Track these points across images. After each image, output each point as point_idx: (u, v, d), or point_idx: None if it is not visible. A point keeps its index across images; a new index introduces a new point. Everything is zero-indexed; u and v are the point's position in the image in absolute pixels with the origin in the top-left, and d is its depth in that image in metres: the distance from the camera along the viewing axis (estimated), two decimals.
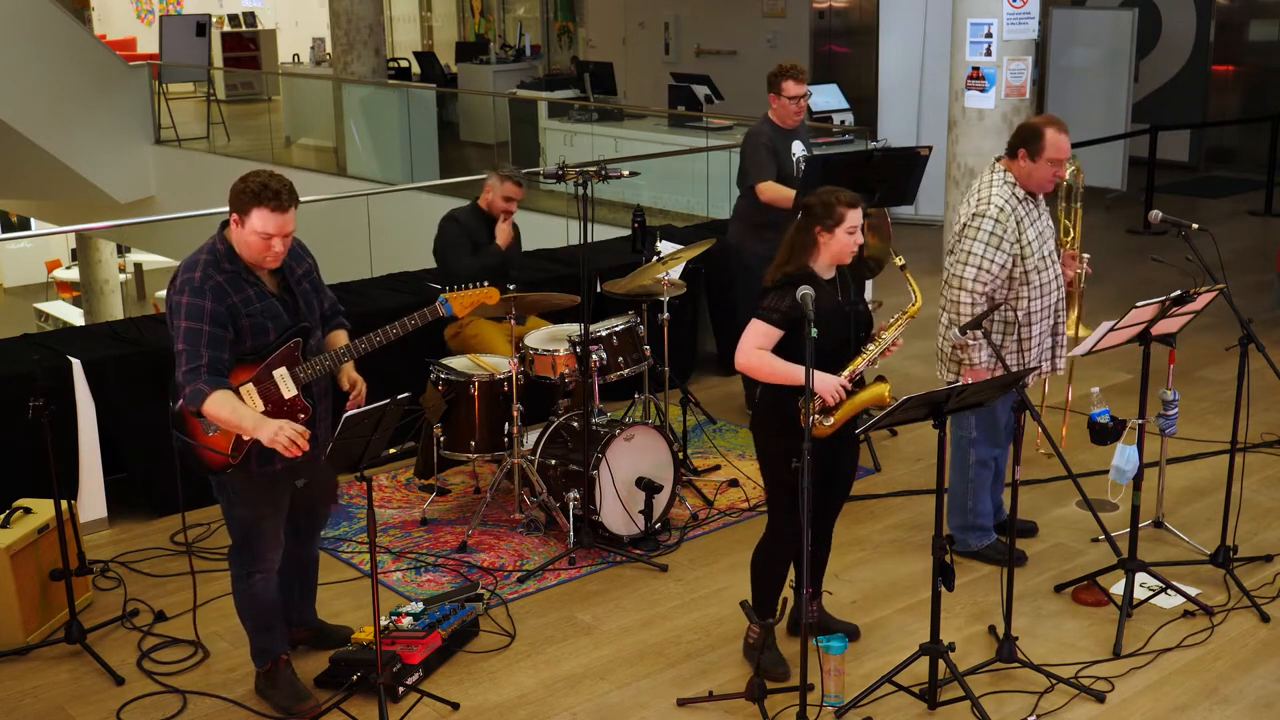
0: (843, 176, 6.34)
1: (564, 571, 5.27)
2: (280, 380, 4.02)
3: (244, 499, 4.15)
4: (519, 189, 6.15)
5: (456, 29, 21.50)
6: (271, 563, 4.26)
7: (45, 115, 13.82)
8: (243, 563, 4.25)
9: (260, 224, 3.89)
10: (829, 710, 4.24)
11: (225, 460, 4.05)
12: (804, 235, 4.23)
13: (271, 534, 4.23)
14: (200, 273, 3.92)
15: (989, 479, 5.23)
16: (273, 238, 3.92)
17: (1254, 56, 13.95)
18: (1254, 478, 5.99)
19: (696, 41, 16.62)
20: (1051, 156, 4.81)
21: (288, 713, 4.28)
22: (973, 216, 4.86)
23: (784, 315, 4.13)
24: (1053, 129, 4.83)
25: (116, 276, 18.38)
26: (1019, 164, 4.88)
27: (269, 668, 4.34)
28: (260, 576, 4.25)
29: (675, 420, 6.50)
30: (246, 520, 4.19)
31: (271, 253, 3.95)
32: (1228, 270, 5.15)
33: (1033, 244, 4.88)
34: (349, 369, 4.24)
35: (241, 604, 4.30)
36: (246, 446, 4.01)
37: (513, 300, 5.39)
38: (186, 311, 3.88)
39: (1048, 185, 4.91)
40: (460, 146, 14.82)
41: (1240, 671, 4.50)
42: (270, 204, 3.87)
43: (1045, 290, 4.95)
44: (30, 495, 4.99)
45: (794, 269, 4.20)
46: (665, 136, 11.81)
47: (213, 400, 3.83)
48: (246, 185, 3.89)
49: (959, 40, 8.82)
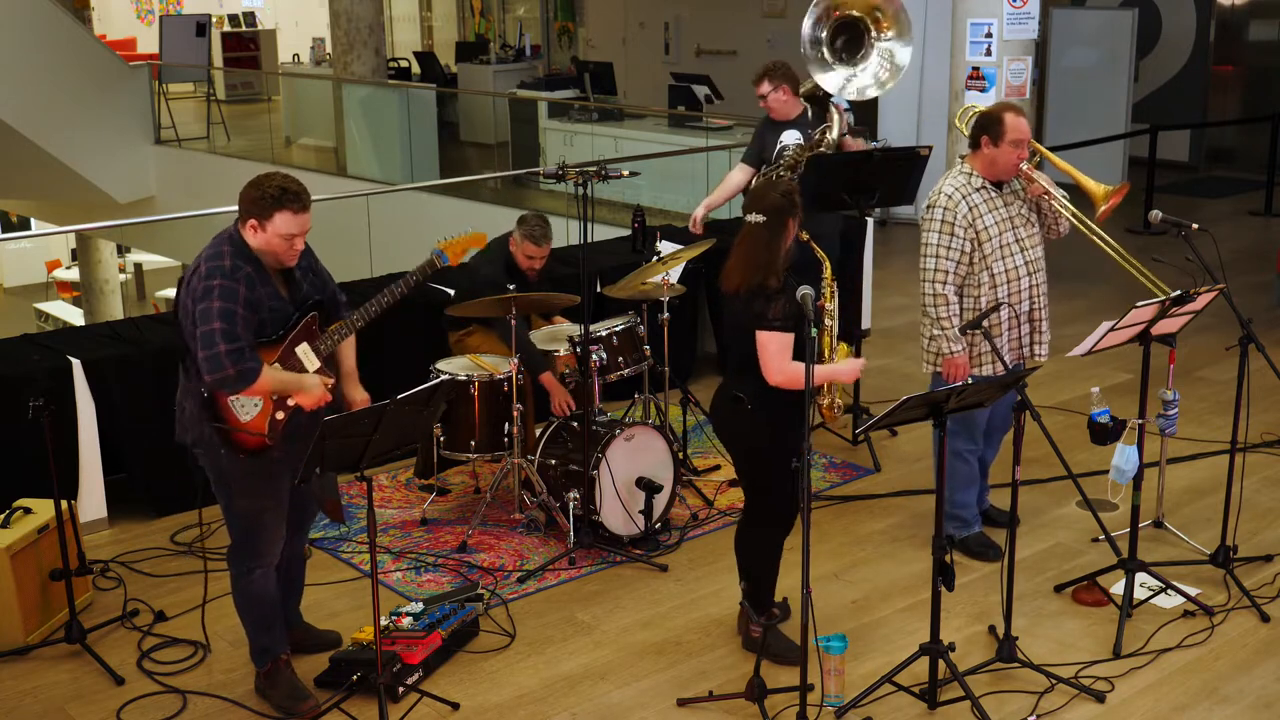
0: (843, 176, 6.36)
1: (564, 571, 5.27)
2: (304, 356, 4.13)
3: (246, 491, 4.15)
4: (538, 248, 5.83)
5: (456, 29, 21.50)
6: (271, 558, 4.27)
7: (45, 115, 13.82)
8: (243, 559, 4.25)
9: (284, 226, 3.97)
10: (829, 710, 4.24)
11: (262, 441, 4.08)
12: (779, 233, 4.22)
13: (273, 527, 4.23)
14: (230, 261, 3.96)
15: (967, 471, 5.25)
16: (295, 237, 4.01)
17: (1254, 56, 13.95)
18: (1254, 478, 5.99)
19: (696, 41, 16.62)
20: (1013, 139, 4.90)
21: (288, 713, 4.28)
22: (926, 209, 5.01)
23: (792, 319, 4.16)
24: (1010, 113, 4.94)
25: (116, 276, 18.38)
26: (981, 153, 4.98)
27: (269, 667, 4.34)
28: (260, 572, 4.25)
29: (675, 420, 6.50)
30: (248, 513, 4.19)
31: (294, 251, 4.04)
32: (1228, 270, 5.15)
33: (989, 230, 4.92)
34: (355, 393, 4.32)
35: (241, 602, 4.30)
36: (281, 426, 4.08)
37: (513, 300, 5.39)
38: (221, 293, 3.90)
39: (1013, 169, 4.99)
40: (460, 146, 14.82)
41: (1240, 671, 4.50)
42: (293, 206, 3.96)
43: (1009, 278, 4.97)
44: (30, 495, 4.99)
45: (781, 270, 4.21)
46: (665, 136, 11.81)
47: (265, 375, 3.94)
48: (264, 191, 3.95)
49: (959, 40, 8.83)
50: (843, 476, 6.20)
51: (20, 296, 21.03)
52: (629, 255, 7.21)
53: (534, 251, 5.84)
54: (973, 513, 5.35)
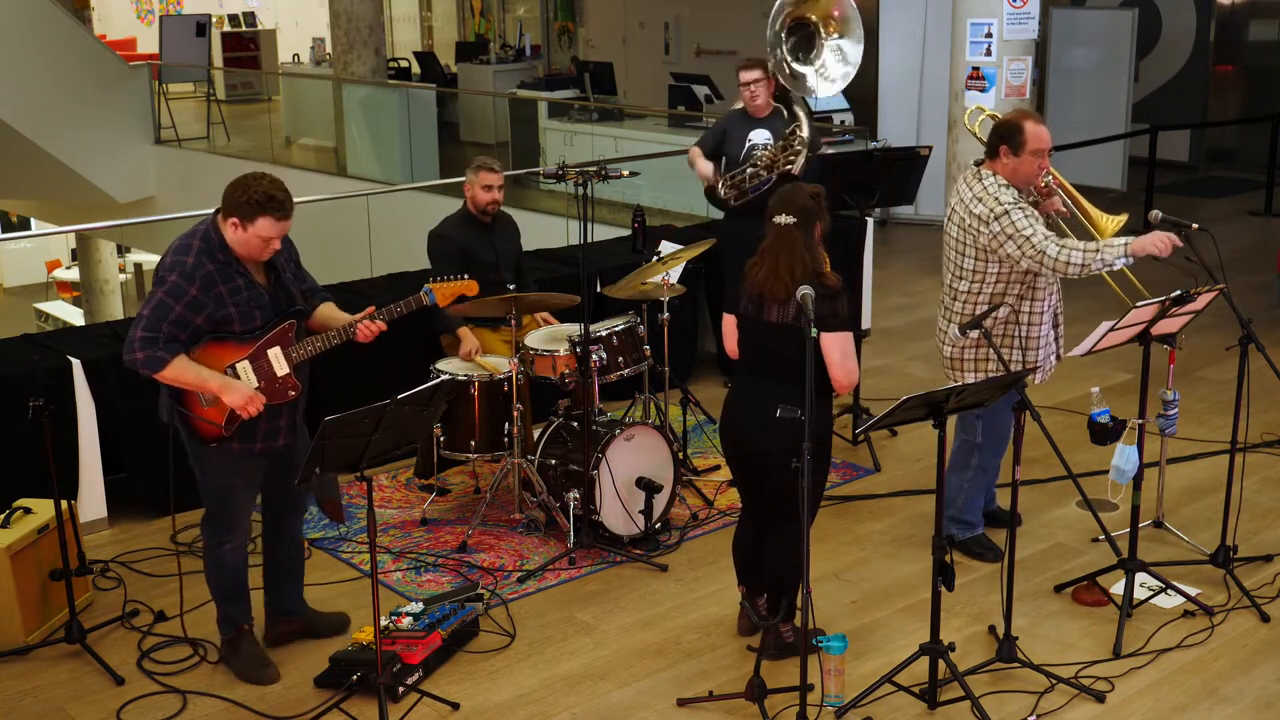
0: (843, 176, 6.37)
1: (564, 571, 5.27)
2: (274, 359, 4.27)
3: (218, 469, 4.34)
4: (494, 174, 5.98)
5: (456, 29, 21.49)
6: (241, 535, 4.47)
7: (45, 115, 13.82)
8: (214, 532, 4.45)
9: (265, 230, 4.14)
10: (829, 710, 4.24)
11: (218, 431, 4.26)
12: (811, 234, 4.25)
13: (242, 507, 4.45)
14: (194, 259, 4.14)
15: (986, 482, 5.25)
16: (272, 240, 4.17)
17: (1254, 56, 13.95)
18: (1254, 478, 5.99)
19: (696, 41, 16.61)
20: (1034, 149, 4.79)
21: (254, 681, 4.46)
22: (993, 219, 4.75)
23: (851, 319, 4.20)
24: (1030, 121, 4.84)
25: (116, 276, 18.39)
26: (1001, 162, 4.85)
27: (233, 635, 4.53)
28: (230, 547, 4.46)
29: (675, 420, 6.50)
30: (219, 491, 4.39)
31: (268, 251, 4.21)
32: (1228, 270, 5.14)
33: None
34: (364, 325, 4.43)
35: (211, 571, 4.50)
36: (239, 421, 4.23)
37: (512, 301, 5.39)
38: (169, 289, 4.11)
39: (1034, 179, 4.91)
40: (460, 146, 14.81)
41: (1240, 671, 4.50)
42: (276, 213, 4.13)
43: (1048, 288, 4.95)
44: (30, 495, 4.99)
45: (821, 268, 4.24)
46: (665, 136, 11.80)
47: (174, 365, 4.12)
48: (250, 194, 4.10)
49: (959, 40, 8.83)
50: (843, 476, 6.20)
51: (20, 296, 21.03)
52: (629, 255, 7.20)
53: (492, 180, 5.97)
54: (978, 516, 5.34)
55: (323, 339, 4.34)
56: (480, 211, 6.02)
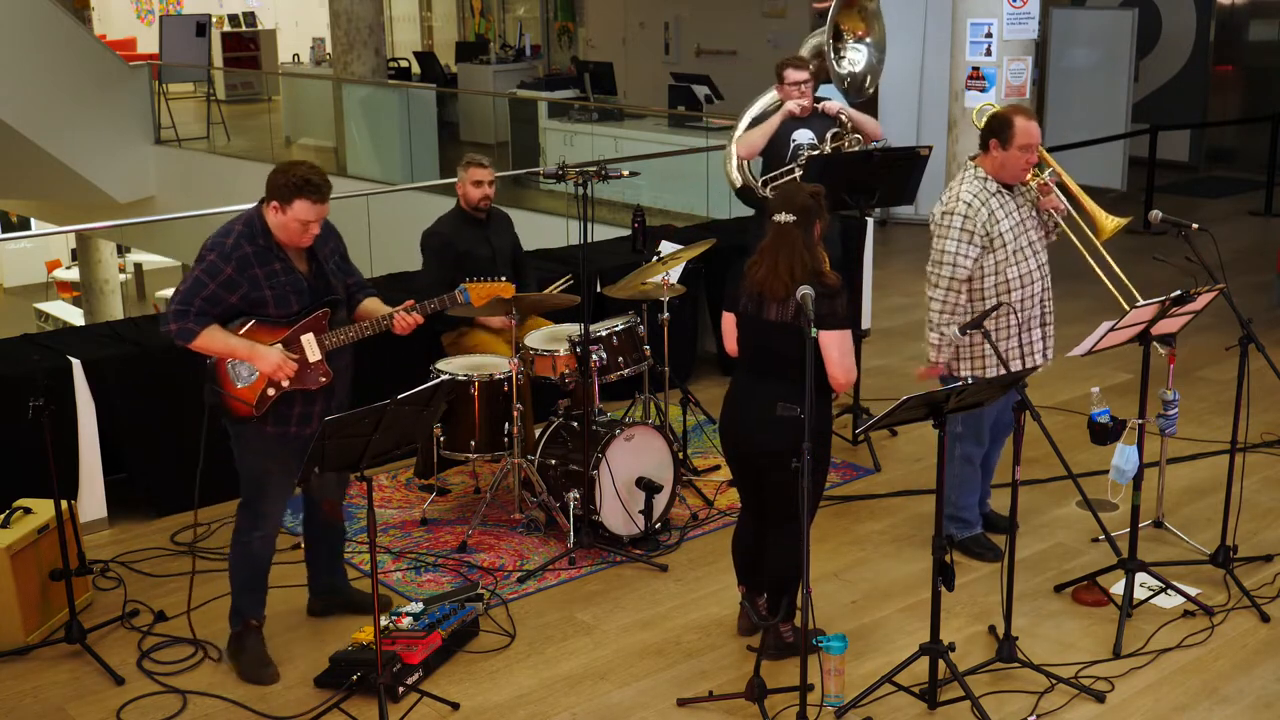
0: (843, 176, 6.36)
1: (564, 571, 5.27)
2: (307, 345, 4.37)
3: (254, 449, 4.44)
4: (484, 169, 5.99)
5: (456, 29, 21.49)
6: (272, 526, 4.54)
7: (45, 115, 13.82)
8: (248, 518, 4.52)
9: (302, 213, 4.27)
10: (829, 710, 4.24)
11: (249, 411, 4.37)
12: (811, 233, 4.26)
13: (276, 494, 4.50)
14: (233, 240, 4.29)
15: (974, 475, 5.25)
16: (310, 224, 4.31)
17: (1254, 56, 13.95)
18: (1254, 478, 5.98)
19: (696, 41, 16.61)
20: (1022, 143, 4.84)
21: (253, 680, 4.47)
22: (943, 215, 4.93)
23: (850, 317, 4.21)
24: (1020, 116, 4.89)
25: (116, 276, 18.40)
26: (991, 156, 4.93)
27: (240, 629, 4.56)
28: (260, 537, 4.52)
29: (675, 420, 6.50)
30: (255, 472, 4.47)
31: (307, 235, 4.34)
32: (1228, 270, 5.15)
33: (1005, 235, 4.89)
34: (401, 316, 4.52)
35: (236, 559, 4.55)
36: (269, 402, 4.34)
37: (512, 301, 5.39)
38: (206, 267, 4.27)
39: (1022, 173, 4.94)
40: (460, 146, 14.79)
41: (1240, 671, 4.50)
42: (312, 196, 4.27)
43: (1024, 282, 4.96)
44: (30, 495, 4.99)
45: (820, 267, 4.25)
46: (665, 136, 11.81)
47: (204, 335, 4.26)
48: (289, 178, 4.25)
49: (959, 40, 8.82)
50: (843, 476, 6.20)
51: (20, 296, 21.03)
52: (629, 255, 7.20)
53: (482, 175, 5.98)
54: (974, 514, 5.35)
55: (356, 329, 4.44)
56: (473, 209, 6.02)
